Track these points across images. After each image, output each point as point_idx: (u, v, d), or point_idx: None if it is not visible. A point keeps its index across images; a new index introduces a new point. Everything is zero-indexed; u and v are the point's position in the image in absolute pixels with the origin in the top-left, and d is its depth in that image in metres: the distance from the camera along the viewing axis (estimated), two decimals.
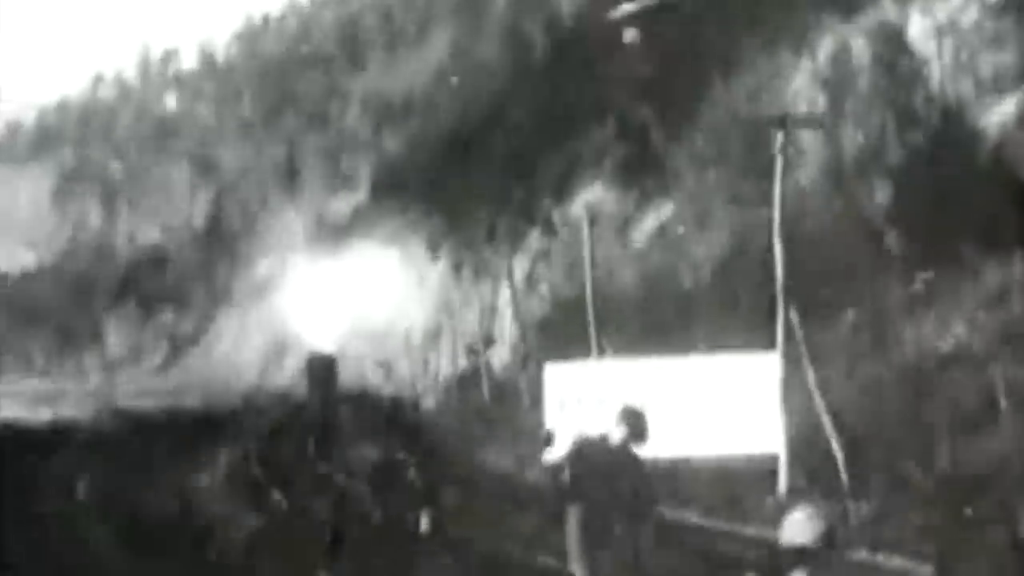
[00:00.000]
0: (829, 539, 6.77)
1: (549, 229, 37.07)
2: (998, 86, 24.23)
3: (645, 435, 10.31)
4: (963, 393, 18.02)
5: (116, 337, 69.42)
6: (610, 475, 10.10)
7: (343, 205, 58.24)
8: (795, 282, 18.63)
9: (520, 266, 35.96)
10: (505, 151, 41.31)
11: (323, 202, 61.40)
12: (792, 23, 30.45)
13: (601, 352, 20.89)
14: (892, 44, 26.86)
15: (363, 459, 13.53)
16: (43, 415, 36.58)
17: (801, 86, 29.36)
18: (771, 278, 19.01)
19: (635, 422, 10.30)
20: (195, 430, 20.20)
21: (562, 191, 37.63)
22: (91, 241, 78.59)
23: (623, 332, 22.20)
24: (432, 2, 66.55)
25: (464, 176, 42.78)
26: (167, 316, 67.66)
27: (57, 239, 78.96)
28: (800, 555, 6.70)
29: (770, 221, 19.19)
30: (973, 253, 20.92)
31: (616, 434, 10.25)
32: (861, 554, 14.31)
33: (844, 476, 17.06)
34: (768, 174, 19.40)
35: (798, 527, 6.81)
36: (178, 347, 65.67)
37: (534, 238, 37.58)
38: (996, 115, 23.77)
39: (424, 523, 12.38)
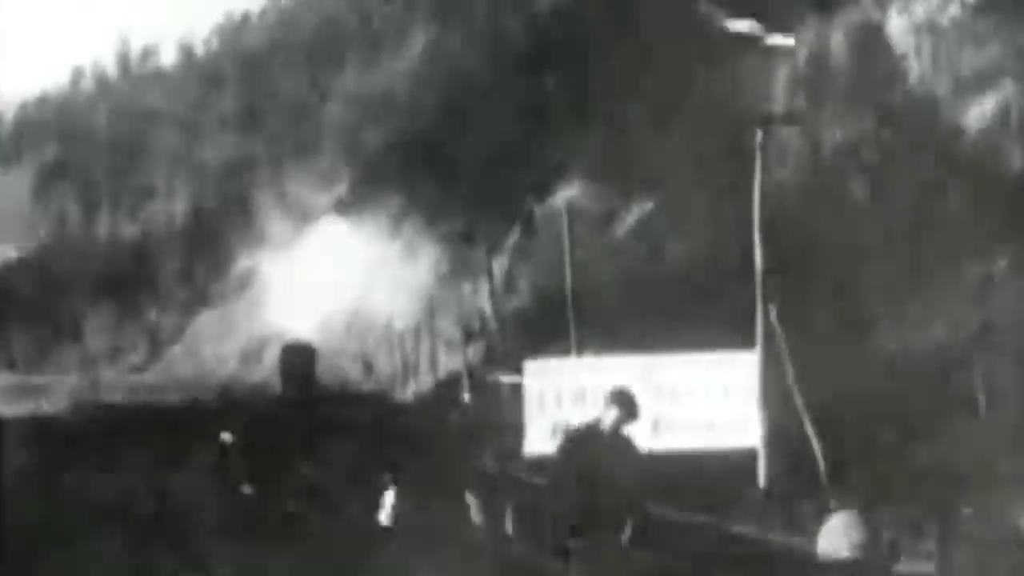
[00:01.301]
0: (873, 549, 5.77)
1: (529, 226, 37.02)
2: (977, 84, 24.30)
3: (637, 414, 10.20)
4: (943, 389, 18.07)
5: (97, 333, 69.07)
6: (606, 462, 10.00)
7: (323, 201, 58.06)
8: (775, 279, 18.65)
9: (500, 263, 35.90)
10: (485, 148, 41.21)
11: (304, 198, 61.23)
12: (773, 20, 30.44)
13: (580, 349, 20.87)
14: (871, 42, 26.91)
15: (341, 454, 13.49)
16: (23, 410, 36.35)
17: (781, 83, 29.37)
18: (751, 275, 19.02)
19: (625, 402, 10.17)
20: (175, 426, 20.13)
21: (542, 188, 37.57)
22: (71, 237, 78.19)
23: (602, 329, 22.16)
24: (412, 1, 66.41)
25: (444, 173, 42.69)
26: (148, 312, 67.34)
27: (37, 234, 78.53)
28: (840, 568, 5.65)
29: (750, 218, 19.21)
30: (953, 249, 20.98)
31: (607, 417, 10.12)
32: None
33: (823, 472, 17.09)
34: (748, 171, 19.43)
35: (836, 537, 5.83)
36: (159, 344, 65.35)
37: (514, 235, 37.52)
38: (975, 113, 23.83)
39: (396, 517, 12.34)
